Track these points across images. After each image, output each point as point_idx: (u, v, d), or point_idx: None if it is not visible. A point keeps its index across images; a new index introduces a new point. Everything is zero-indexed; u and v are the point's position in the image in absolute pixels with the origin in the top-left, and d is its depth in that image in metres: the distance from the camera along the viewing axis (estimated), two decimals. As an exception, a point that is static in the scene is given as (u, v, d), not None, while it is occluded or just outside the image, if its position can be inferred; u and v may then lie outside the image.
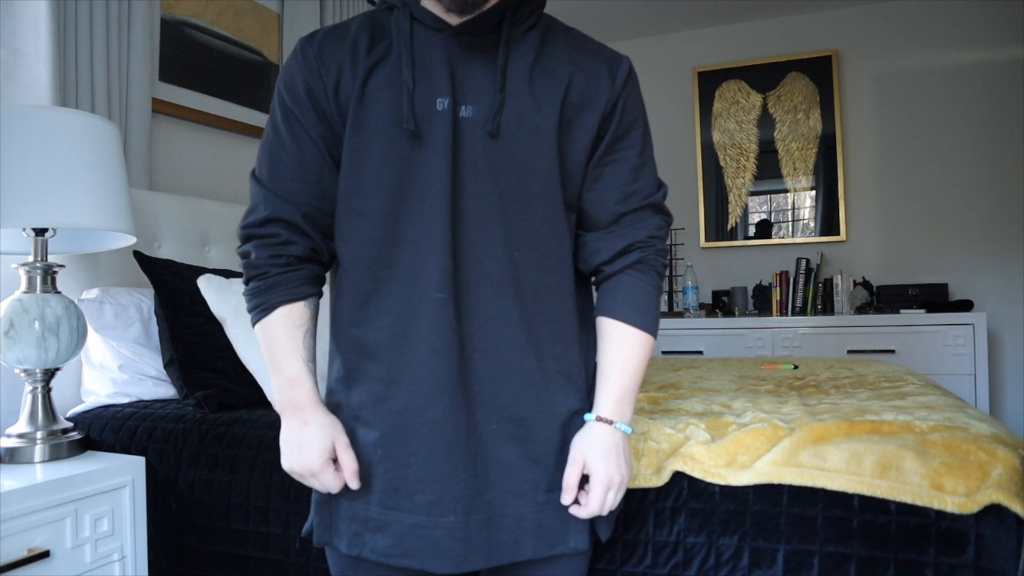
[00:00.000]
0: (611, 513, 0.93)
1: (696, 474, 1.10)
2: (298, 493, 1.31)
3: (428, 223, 0.83)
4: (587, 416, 0.91)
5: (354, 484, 0.86)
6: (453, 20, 0.86)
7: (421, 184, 0.84)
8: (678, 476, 1.12)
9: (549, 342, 0.89)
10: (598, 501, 0.86)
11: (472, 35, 0.85)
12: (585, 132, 0.89)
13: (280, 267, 0.88)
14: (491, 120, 0.84)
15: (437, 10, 0.86)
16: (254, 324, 0.89)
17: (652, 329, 0.92)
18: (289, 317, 0.88)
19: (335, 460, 0.87)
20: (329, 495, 0.90)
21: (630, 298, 0.92)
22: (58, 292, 1.40)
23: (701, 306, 3.65)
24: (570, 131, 0.88)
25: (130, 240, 1.54)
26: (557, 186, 0.88)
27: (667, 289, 3.81)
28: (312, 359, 0.90)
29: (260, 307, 0.88)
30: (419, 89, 0.84)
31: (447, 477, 0.85)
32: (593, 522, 0.91)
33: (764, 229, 3.71)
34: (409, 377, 0.85)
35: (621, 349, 0.91)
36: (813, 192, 3.62)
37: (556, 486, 0.89)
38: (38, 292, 1.37)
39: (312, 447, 0.85)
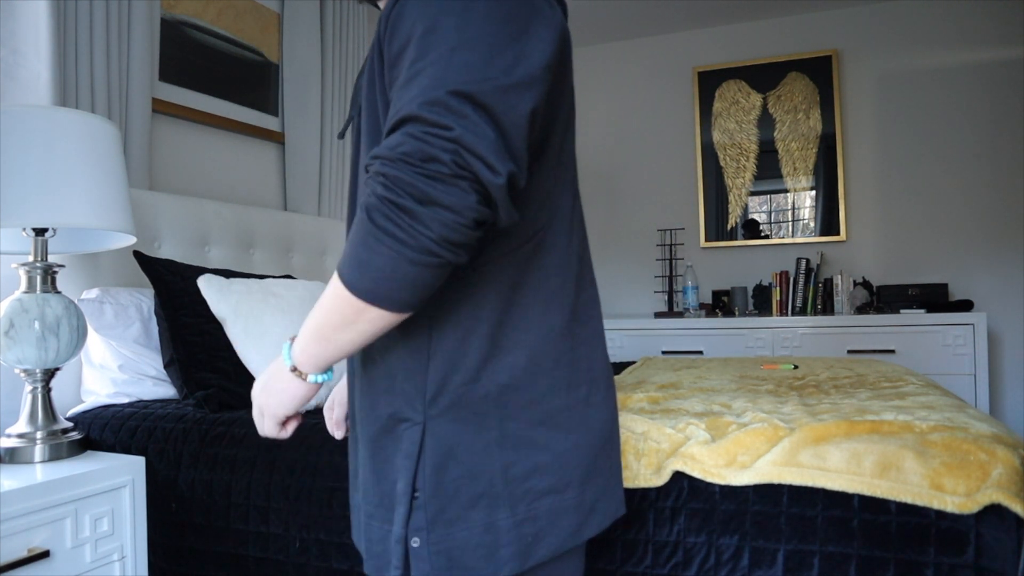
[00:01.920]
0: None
1: (696, 474, 1.10)
2: (298, 493, 1.31)
3: None
4: None
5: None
6: None
7: None
8: (678, 476, 1.12)
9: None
10: None
11: None
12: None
13: None
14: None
15: None
16: None
17: (343, 273, 0.65)
18: None
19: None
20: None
21: None
22: (58, 292, 1.40)
23: (701, 306, 3.66)
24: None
25: (130, 240, 1.54)
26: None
27: (667, 289, 3.81)
28: None
29: None
30: None
31: None
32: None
33: (753, 229, 3.71)
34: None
35: None
36: (813, 192, 3.62)
37: None
38: (38, 292, 1.37)
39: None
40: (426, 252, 0.60)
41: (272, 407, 0.78)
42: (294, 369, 0.74)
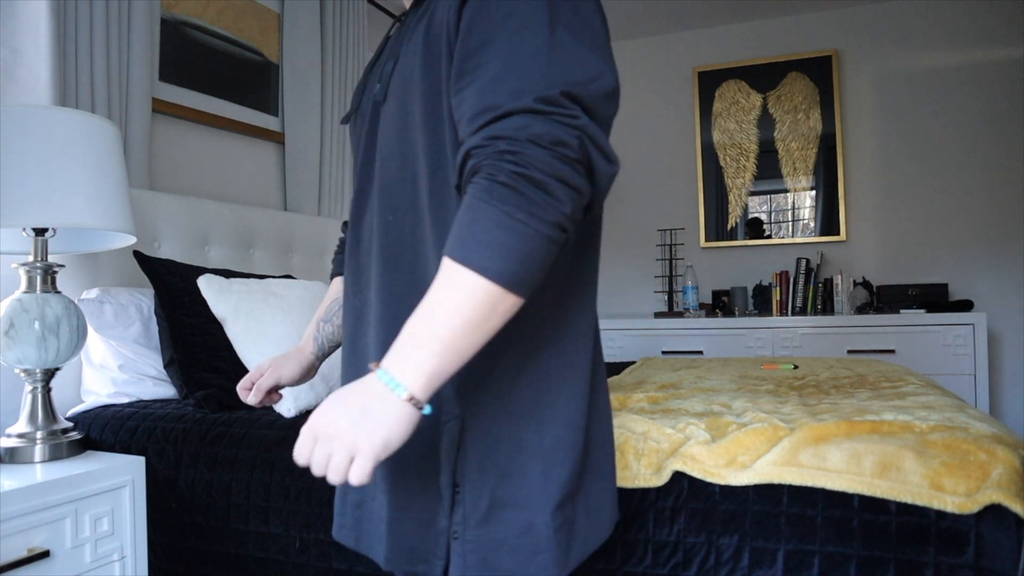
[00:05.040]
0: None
1: (696, 474, 1.10)
2: (298, 493, 1.31)
3: None
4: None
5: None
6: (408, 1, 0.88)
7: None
8: (678, 476, 1.12)
9: None
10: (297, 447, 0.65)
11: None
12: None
13: None
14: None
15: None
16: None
17: (477, 263, 0.59)
18: None
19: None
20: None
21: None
22: (58, 292, 1.40)
23: (701, 306, 3.65)
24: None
25: (130, 240, 1.54)
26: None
27: (667, 289, 3.81)
28: None
29: None
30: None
31: None
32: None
33: (756, 228, 3.71)
34: None
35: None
36: (813, 192, 3.62)
37: None
38: (38, 292, 1.37)
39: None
40: (559, 227, 0.60)
41: (377, 445, 0.60)
42: (411, 398, 0.61)
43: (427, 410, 0.63)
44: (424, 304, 0.62)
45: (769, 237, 3.70)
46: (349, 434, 0.60)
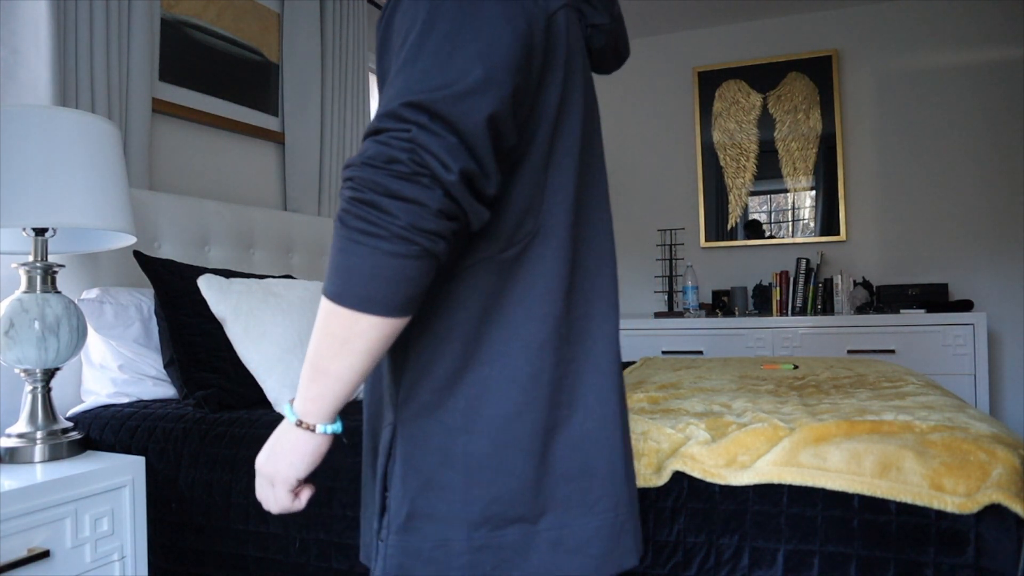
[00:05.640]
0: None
1: (696, 474, 1.10)
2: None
3: None
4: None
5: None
6: None
7: None
8: (678, 476, 1.12)
9: None
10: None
11: None
12: None
13: None
14: None
15: None
16: None
17: (326, 289, 0.64)
18: None
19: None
20: None
21: None
22: (58, 292, 1.40)
23: (701, 306, 3.65)
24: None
25: (130, 240, 1.54)
26: None
27: (667, 289, 3.81)
28: None
29: None
30: None
31: None
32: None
33: (756, 229, 3.71)
34: None
35: None
36: (813, 192, 3.62)
37: None
38: (38, 292, 1.37)
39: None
40: (400, 240, 0.60)
41: (283, 472, 0.70)
42: (300, 423, 0.68)
43: (326, 429, 0.68)
44: None
45: (772, 237, 3.70)
46: (266, 466, 0.71)
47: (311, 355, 0.66)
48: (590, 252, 0.80)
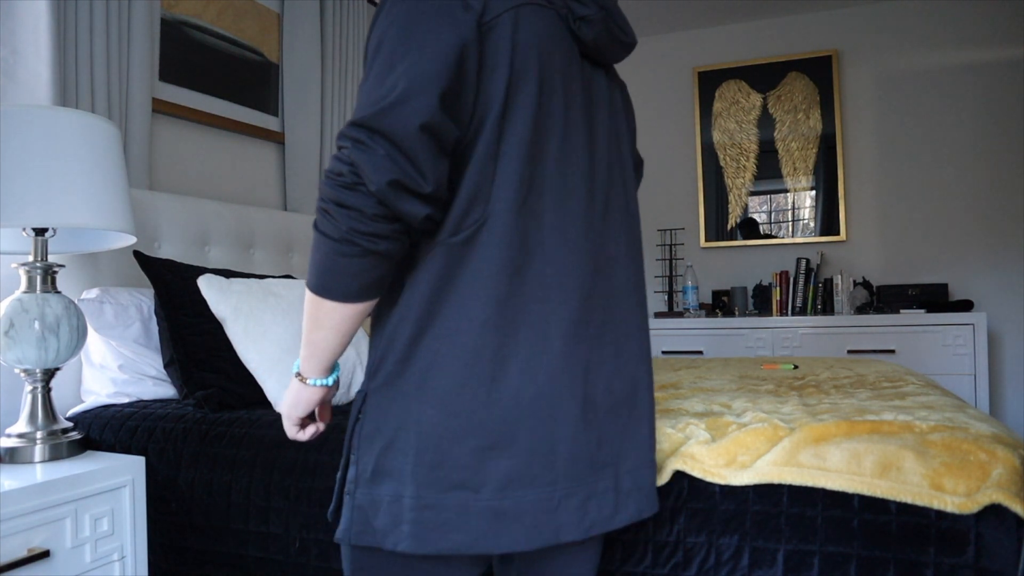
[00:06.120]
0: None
1: (696, 474, 1.10)
2: (298, 493, 1.31)
3: None
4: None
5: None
6: None
7: None
8: (678, 476, 1.12)
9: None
10: None
11: None
12: None
13: None
14: None
15: None
16: None
17: (307, 278, 0.81)
18: None
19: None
20: None
21: None
22: (58, 292, 1.40)
23: (701, 306, 3.66)
24: None
25: (130, 240, 1.54)
26: None
27: (667, 289, 3.81)
28: None
29: None
30: None
31: None
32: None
33: (752, 228, 3.71)
34: None
35: None
36: (813, 192, 3.62)
37: None
38: (38, 292, 1.37)
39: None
40: (344, 242, 0.73)
41: (286, 410, 0.91)
42: (298, 375, 0.88)
43: (316, 382, 0.88)
44: None
45: (773, 237, 3.70)
46: (282, 408, 0.92)
47: (303, 327, 0.84)
48: (557, 240, 0.83)
